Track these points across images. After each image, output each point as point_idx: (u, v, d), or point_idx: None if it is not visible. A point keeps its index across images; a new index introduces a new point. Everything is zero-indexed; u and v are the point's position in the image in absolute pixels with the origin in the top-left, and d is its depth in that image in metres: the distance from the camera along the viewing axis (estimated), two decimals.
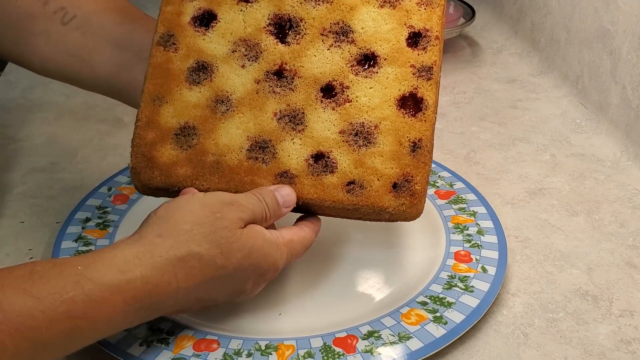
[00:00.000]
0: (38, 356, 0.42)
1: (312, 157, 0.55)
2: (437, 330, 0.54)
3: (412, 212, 0.55)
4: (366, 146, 0.55)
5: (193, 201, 0.50)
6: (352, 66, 0.56)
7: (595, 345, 0.56)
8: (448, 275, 0.60)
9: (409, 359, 0.52)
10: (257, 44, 0.57)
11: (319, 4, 0.57)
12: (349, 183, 0.54)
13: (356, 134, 0.55)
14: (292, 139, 0.55)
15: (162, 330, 0.54)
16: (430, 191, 0.71)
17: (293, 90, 0.56)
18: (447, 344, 0.54)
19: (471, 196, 0.70)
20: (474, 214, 0.68)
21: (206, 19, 0.58)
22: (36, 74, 0.73)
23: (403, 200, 0.54)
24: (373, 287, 0.61)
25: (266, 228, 0.53)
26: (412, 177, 0.54)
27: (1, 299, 0.42)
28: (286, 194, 0.54)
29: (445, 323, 0.55)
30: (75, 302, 0.43)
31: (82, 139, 0.85)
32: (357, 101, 0.55)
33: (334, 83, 0.56)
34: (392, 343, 0.53)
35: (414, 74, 0.56)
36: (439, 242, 0.65)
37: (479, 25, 1.18)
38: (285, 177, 0.55)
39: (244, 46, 0.57)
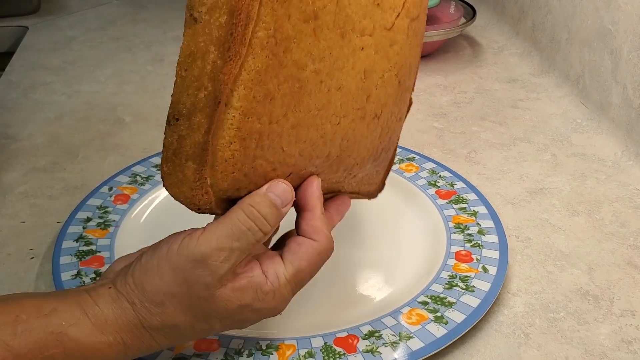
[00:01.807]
0: None
1: None
2: (438, 330, 0.54)
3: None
4: None
5: (164, 264, 0.45)
6: None
7: (596, 345, 0.56)
8: (449, 275, 0.60)
9: (410, 358, 0.52)
10: None
11: None
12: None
13: None
14: None
15: None
16: (431, 191, 0.71)
17: None
18: (448, 344, 0.54)
19: (472, 196, 0.70)
20: (474, 213, 0.68)
21: None
22: (37, 73, 0.73)
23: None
24: (374, 286, 0.61)
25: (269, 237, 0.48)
26: None
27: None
28: (282, 192, 0.46)
29: (446, 323, 0.55)
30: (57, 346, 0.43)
31: (84, 139, 0.85)
32: None
33: None
34: (392, 343, 0.53)
35: None
36: (440, 242, 0.65)
37: (479, 25, 1.18)
38: None
39: None
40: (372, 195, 0.59)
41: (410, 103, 0.57)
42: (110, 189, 0.71)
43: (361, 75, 0.47)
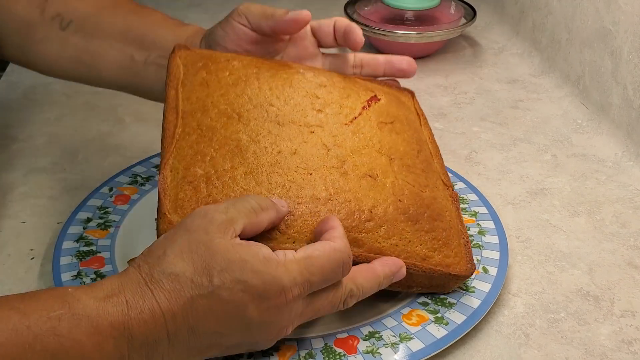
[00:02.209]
0: None
1: None
2: (438, 331, 0.54)
3: None
4: None
5: (170, 230, 0.49)
6: None
7: (596, 346, 0.56)
8: None
9: (410, 359, 0.52)
10: None
11: None
12: None
13: None
14: None
15: None
16: None
17: None
18: (448, 345, 0.54)
19: (472, 196, 0.70)
20: (475, 214, 0.68)
21: None
22: (38, 74, 0.74)
23: None
24: None
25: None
26: None
27: None
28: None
29: (447, 324, 0.55)
30: (60, 319, 0.42)
31: (84, 139, 0.85)
32: None
33: None
34: (393, 344, 0.53)
35: None
36: None
37: (480, 26, 1.18)
38: None
39: None
40: (458, 274, 0.57)
41: (455, 197, 0.62)
42: (111, 189, 0.71)
43: (321, 146, 0.58)
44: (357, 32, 0.65)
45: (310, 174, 0.56)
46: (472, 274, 0.57)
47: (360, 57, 0.69)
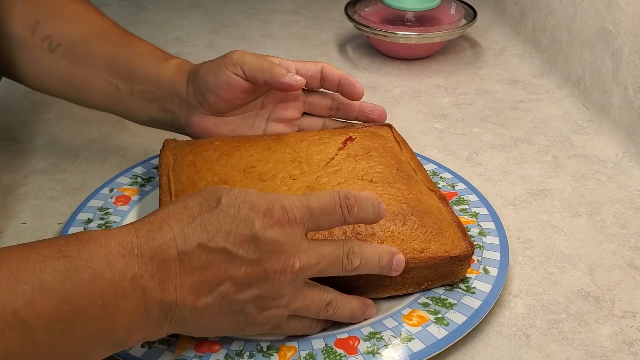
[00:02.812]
0: (36, 298, 0.41)
1: None
2: (439, 332, 0.54)
3: None
4: None
5: None
6: None
7: (597, 347, 0.56)
8: None
9: None
10: None
11: None
12: None
13: None
14: None
15: None
16: None
17: None
18: (449, 345, 0.54)
19: (473, 197, 0.70)
20: (475, 215, 0.68)
21: None
22: None
23: None
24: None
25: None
26: None
27: (1, 252, 0.43)
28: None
29: (447, 324, 0.55)
30: (68, 244, 0.44)
31: (84, 140, 0.85)
32: None
33: None
34: (393, 344, 0.53)
35: None
36: None
37: (480, 27, 1.18)
38: None
39: None
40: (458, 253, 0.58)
41: (443, 198, 0.64)
42: (111, 190, 0.71)
43: (304, 188, 0.61)
44: (353, 84, 0.70)
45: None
46: (472, 253, 0.58)
47: (338, 100, 0.72)
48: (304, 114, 0.73)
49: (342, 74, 0.70)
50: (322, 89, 0.72)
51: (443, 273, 0.58)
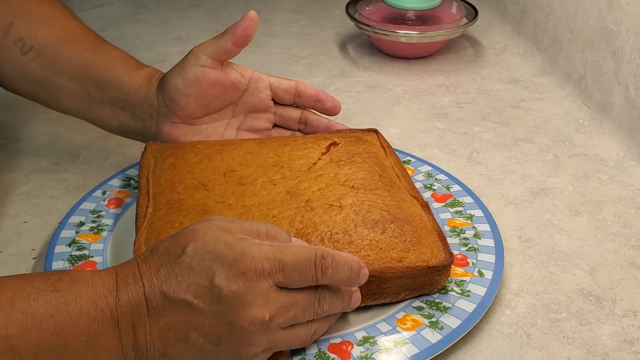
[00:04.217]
0: (28, 327, 0.44)
1: None
2: (433, 336, 0.54)
3: None
4: None
5: None
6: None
7: (598, 346, 0.56)
8: None
9: None
10: None
11: None
12: None
13: None
14: None
15: None
16: (427, 194, 0.71)
17: None
18: (444, 350, 0.53)
19: (468, 199, 0.70)
20: (470, 217, 0.67)
21: None
22: None
23: None
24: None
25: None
26: None
27: None
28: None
29: (442, 328, 0.55)
30: (61, 280, 0.46)
31: (85, 139, 0.85)
32: None
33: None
34: (387, 349, 0.53)
35: None
36: None
37: (481, 26, 1.18)
38: None
39: None
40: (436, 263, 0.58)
41: (426, 205, 0.64)
42: (104, 192, 0.70)
43: (284, 193, 0.61)
44: (329, 99, 0.71)
45: (274, 217, 0.59)
46: (452, 262, 0.58)
47: (306, 115, 0.73)
48: (274, 125, 0.74)
49: (319, 91, 0.72)
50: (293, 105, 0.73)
51: (421, 283, 0.57)
